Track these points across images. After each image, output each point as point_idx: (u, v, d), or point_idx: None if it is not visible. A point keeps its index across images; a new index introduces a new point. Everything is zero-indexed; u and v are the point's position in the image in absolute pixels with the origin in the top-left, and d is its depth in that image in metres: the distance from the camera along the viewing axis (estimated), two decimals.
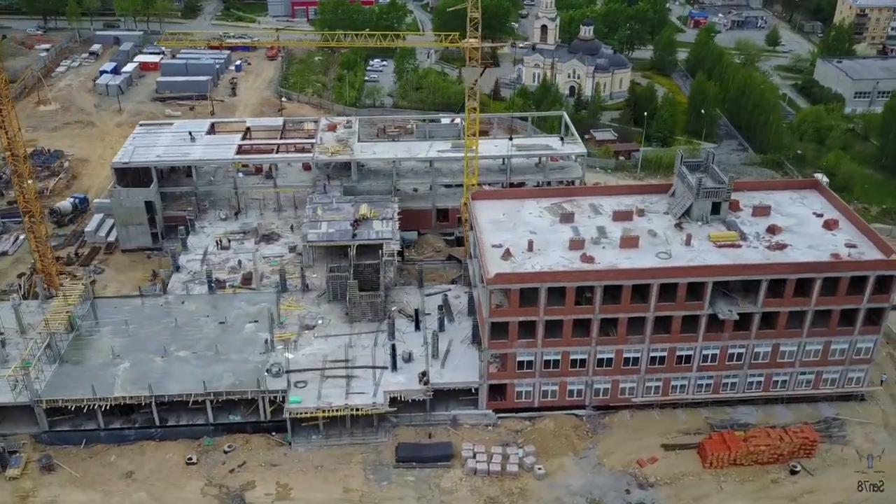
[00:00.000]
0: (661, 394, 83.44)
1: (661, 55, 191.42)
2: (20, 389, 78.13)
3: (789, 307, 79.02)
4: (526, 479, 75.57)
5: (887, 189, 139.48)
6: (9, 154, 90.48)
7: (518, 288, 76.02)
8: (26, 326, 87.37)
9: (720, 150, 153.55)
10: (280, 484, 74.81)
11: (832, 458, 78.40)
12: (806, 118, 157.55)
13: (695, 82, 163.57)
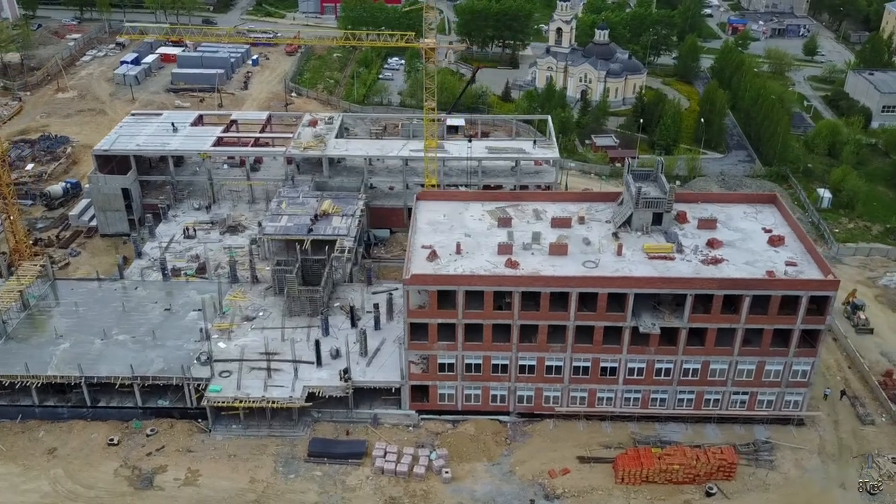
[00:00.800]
0: (586, 405, 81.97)
1: (683, 62, 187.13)
2: None
3: (718, 324, 76.75)
4: (432, 482, 75.25)
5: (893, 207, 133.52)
6: None
7: (436, 289, 75.71)
8: None
9: (726, 160, 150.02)
10: (191, 470, 76.27)
11: (754, 483, 75.82)
12: (820, 131, 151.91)
13: (705, 90, 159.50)
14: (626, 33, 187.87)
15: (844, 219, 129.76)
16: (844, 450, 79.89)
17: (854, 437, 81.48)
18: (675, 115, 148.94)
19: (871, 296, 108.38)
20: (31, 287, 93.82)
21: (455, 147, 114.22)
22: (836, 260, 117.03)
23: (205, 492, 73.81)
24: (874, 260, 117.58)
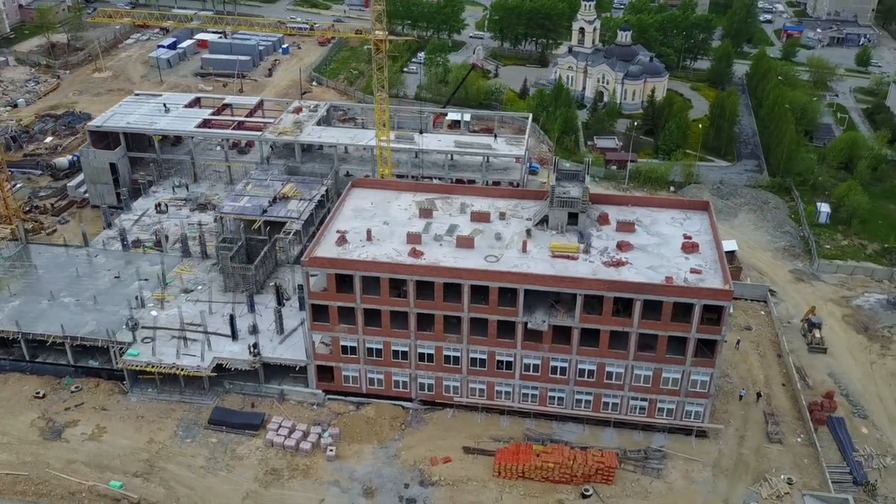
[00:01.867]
0: (485, 397, 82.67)
1: (716, 67, 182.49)
2: None
3: (610, 326, 76.19)
4: (316, 459, 77.74)
5: None
6: None
7: (334, 272, 78.02)
8: None
9: (734, 168, 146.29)
10: (98, 426, 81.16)
11: (634, 489, 75.05)
12: (837, 144, 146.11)
13: (716, 96, 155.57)
14: (658, 36, 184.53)
15: (840, 235, 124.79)
16: (741, 466, 77.98)
17: (756, 454, 79.37)
18: (681, 120, 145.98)
19: (840, 315, 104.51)
20: (3, 248, 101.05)
21: (426, 139, 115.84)
22: (814, 276, 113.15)
23: (104, 447, 78.49)
24: (855, 279, 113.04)
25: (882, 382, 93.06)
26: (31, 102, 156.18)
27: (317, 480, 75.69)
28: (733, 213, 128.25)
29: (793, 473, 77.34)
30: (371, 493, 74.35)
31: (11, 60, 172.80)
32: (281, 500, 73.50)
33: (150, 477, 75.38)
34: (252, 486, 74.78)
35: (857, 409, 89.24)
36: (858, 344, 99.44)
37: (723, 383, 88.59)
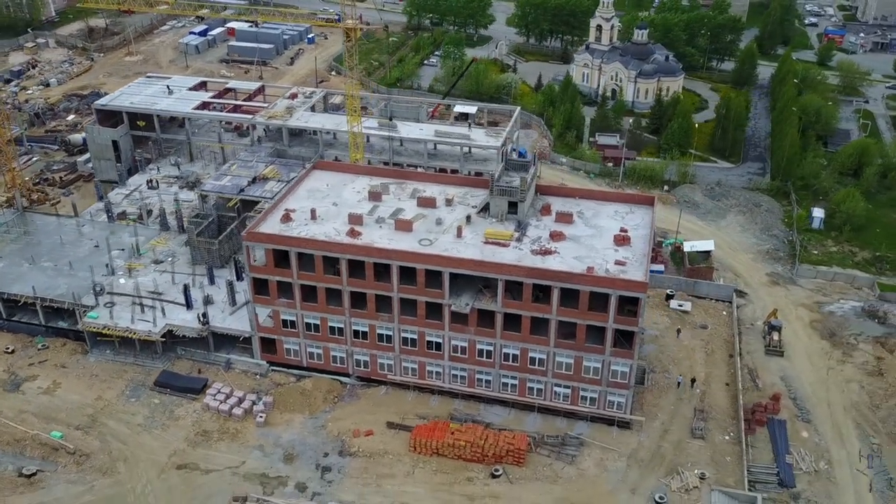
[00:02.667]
0: (417, 376, 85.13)
1: (739, 69, 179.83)
2: None
3: (531, 312, 77.77)
4: (246, 424, 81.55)
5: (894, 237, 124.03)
6: None
7: (272, 248, 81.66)
8: None
9: (737, 170, 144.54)
10: (55, 382, 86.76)
11: (545, 473, 76.51)
12: (846, 150, 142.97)
13: (721, 98, 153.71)
14: (682, 35, 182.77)
15: (831, 241, 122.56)
16: (657, 458, 78.53)
17: (676, 448, 79.78)
18: (684, 120, 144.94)
19: (808, 320, 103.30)
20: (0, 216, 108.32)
21: (408, 128, 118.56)
22: (791, 280, 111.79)
23: (55, 401, 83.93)
24: (834, 285, 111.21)
25: (835, 388, 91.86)
26: (63, 82, 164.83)
27: (243, 444, 79.46)
28: (722, 214, 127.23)
29: (710, 469, 77.50)
30: (291, 459, 77.73)
31: (52, 42, 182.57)
32: (205, 460, 77.49)
33: (90, 430, 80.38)
34: (181, 445, 79.02)
35: (803, 413, 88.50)
36: (820, 349, 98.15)
37: (661, 378, 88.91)
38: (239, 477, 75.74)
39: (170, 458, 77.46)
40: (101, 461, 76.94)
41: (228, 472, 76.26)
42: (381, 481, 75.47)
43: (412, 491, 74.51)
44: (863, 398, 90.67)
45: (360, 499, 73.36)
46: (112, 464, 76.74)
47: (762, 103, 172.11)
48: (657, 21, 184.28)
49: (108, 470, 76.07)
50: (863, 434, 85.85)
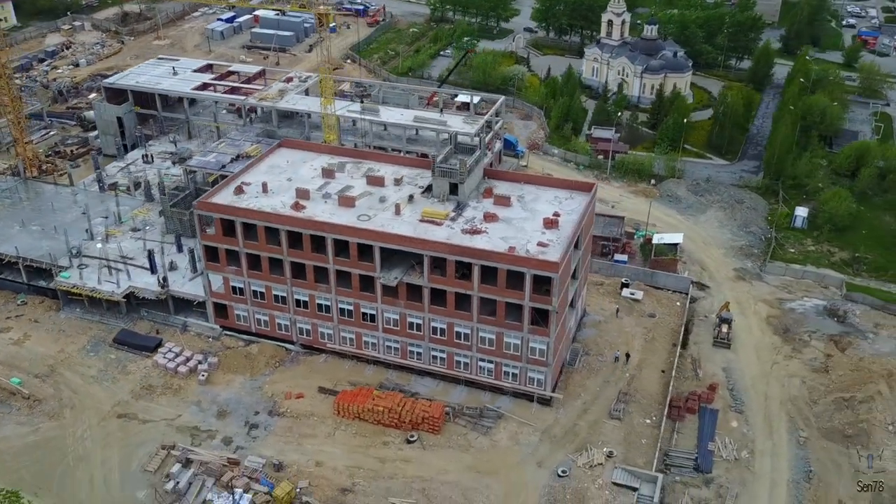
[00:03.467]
0: (354, 346, 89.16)
1: (754, 68, 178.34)
2: None
3: (455, 288, 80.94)
4: (189, 381, 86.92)
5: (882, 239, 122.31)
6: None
7: (219, 217, 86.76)
8: None
9: (732, 167, 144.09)
10: (25, 335, 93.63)
11: (458, 442, 79.72)
12: (844, 151, 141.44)
13: (719, 95, 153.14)
14: (699, 33, 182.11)
15: (810, 240, 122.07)
16: (570, 435, 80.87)
17: (591, 427, 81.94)
18: (680, 116, 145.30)
19: (765, 315, 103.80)
20: (2, 182, 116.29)
21: (389, 113, 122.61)
22: (758, 276, 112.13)
23: (21, 352, 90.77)
24: (802, 283, 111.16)
25: (775, 382, 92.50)
26: (92, 63, 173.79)
27: (182, 399, 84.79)
28: (703, 209, 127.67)
29: (621, 449, 79.47)
30: (223, 415, 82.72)
31: (87, 25, 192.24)
32: (145, 411, 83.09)
33: (47, 379, 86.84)
34: (126, 396, 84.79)
35: (737, 403, 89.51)
36: (770, 344, 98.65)
37: (593, 360, 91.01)
38: (172, 428, 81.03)
39: (112, 408, 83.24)
40: (50, 407, 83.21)
41: (164, 423, 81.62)
42: (303, 440, 79.77)
43: (329, 451, 78.60)
44: (802, 393, 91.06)
45: (279, 454, 77.75)
46: (60, 409, 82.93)
47: (774, 103, 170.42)
48: (674, 18, 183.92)
49: (55, 415, 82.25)
50: (793, 427, 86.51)
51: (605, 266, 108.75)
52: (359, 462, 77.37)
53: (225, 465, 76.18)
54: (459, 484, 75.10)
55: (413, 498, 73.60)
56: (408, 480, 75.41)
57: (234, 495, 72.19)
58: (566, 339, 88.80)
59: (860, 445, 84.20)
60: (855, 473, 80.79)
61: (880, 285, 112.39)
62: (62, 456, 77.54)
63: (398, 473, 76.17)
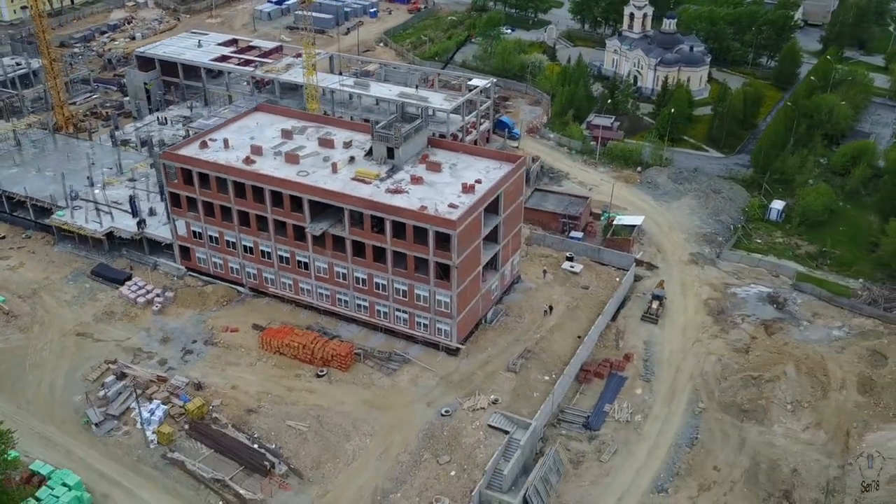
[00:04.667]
0: (292, 292, 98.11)
1: (780, 66, 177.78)
2: None
3: (371, 241, 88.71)
4: (145, 311, 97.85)
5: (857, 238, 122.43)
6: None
7: (179, 167, 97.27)
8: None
9: (726, 160, 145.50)
10: (21, 263, 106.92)
11: (363, 380, 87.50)
12: (843, 151, 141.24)
13: (718, 89, 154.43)
14: (727, 29, 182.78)
15: (781, 233, 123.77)
16: (465, 382, 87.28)
17: (487, 377, 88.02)
18: (678, 107, 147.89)
19: (705, 297, 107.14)
20: (33, 133, 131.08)
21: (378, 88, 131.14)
22: (711, 262, 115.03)
23: (13, 276, 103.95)
24: (755, 271, 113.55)
25: (691, 358, 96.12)
26: (147, 37, 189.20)
27: (135, 325, 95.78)
28: (678, 196, 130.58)
29: (508, 398, 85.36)
30: (166, 341, 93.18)
31: (151, 3, 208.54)
32: (100, 332, 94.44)
33: (27, 300, 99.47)
34: (88, 319, 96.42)
35: (648, 373, 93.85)
36: (699, 324, 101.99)
37: (512, 321, 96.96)
38: (120, 348, 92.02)
39: (74, 327, 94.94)
40: (24, 322, 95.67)
41: (114, 343, 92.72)
42: (227, 367, 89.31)
43: (247, 378, 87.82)
44: (715, 369, 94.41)
45: (203, 377, 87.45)
46: (31, 325, 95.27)
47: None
48: (703, 14, 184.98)
49: (25, 328, 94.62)
50: (694, 399, 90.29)
51: (558, 241, 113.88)
52: (269, 389, 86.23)
53: (153, 381, 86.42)
54: (352, 414, 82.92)
55: (307, 423, 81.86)
56: (307, 408, 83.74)
57: (150, 404, 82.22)
58: (485, 298, 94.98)
59: (754, 420, 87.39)
60: (741, 443, 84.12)
61: (839, 279, 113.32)
62: (21, 362, 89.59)
63: (300, 401, 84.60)
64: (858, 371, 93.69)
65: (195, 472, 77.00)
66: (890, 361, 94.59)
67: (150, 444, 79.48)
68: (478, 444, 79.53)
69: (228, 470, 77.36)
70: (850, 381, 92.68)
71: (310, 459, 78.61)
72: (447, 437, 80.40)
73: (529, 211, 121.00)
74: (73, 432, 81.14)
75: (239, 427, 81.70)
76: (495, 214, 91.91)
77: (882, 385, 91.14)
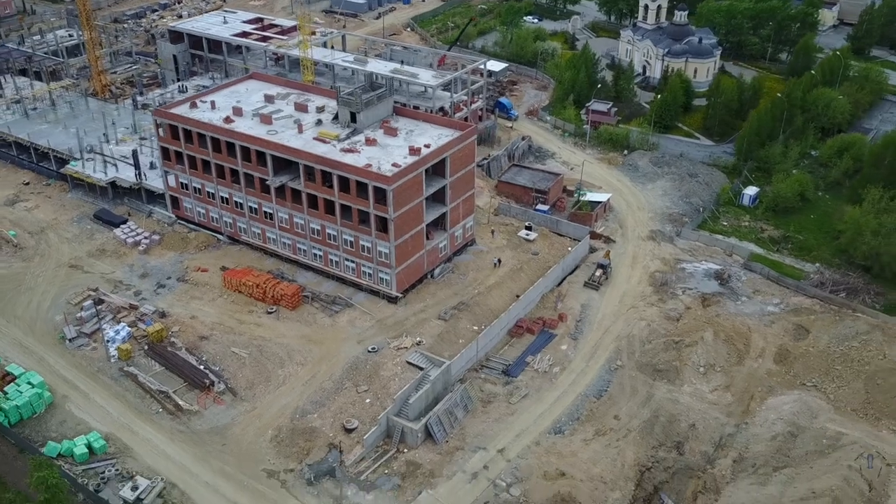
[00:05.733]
0: (261, 240, 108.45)
1: (793, 62, 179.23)
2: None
3: (323, 194, 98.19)
4: (131, 251, 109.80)
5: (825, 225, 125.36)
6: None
7: (168, 123, 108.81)
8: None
9: (715, 148, 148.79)
10: (36, 205, 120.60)
11: (307, 318, 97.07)
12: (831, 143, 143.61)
13: (714, 80, 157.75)
14: (744, 23, 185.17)
15: (748, 217, 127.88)
16: (398, 325, 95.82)
17: (419, 322, 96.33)
18: (675, 95, 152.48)
19: (652, 269, 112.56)
20: (68, 96, 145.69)
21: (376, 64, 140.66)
22: (669, 240, 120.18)
23: (28, 216, 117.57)
24: (710, 249, 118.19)
25: (622, 322, 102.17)
26: (192, 16, 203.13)
27: (121, 262, 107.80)
28: (654, 179, 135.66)
29: (432, 341, 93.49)
30: (144, 277, 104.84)
31: None
32: (90, 266, 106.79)
33: (35, 236, 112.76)
34: (82, 254, 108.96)
35: (577, 333, 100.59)
36: (639, 293, 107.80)
37: (454, 277, 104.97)
38: (103, 280, 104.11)
39: (69, 260, 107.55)
40: (27, 254, 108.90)
41: (99, 275, 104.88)
42: (190, 301, 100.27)
43: (206, 310, 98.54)
44: (642, 334, 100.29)
45: (168, 307, 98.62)
46: (33, 256, 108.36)
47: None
48: (722, 8, 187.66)
49: (27, 259, 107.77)
50: (615, 357, 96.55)
51: (522, 212, 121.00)
52: (223, 321, 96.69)
53: (125, 307, 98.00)
54: (289, 346, 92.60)
55: (248, 350, 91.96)
56: (252, 338, 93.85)
57: (117, 326, 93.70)
58: (431, 254, 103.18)
59: (666, 380, 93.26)
60: (647, 399, 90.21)
61: (795, 263, 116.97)
62: (18, 285, 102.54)
63: (247, 332, 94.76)
64: (781, 343, 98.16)
65: (144, 383, 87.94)
66: (811, 335, 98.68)
67: (111, 359, 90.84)
68: (394, 378, 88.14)
69: (174, 384, 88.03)
70: (769, 351, 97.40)
71: (245, 381, 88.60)
72: (369, 370, 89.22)
73: (504, 184, 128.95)
74: (49, 345, 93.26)
75: (191, 350, 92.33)
76: (442, 177, 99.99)
77: (796, 355, 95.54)
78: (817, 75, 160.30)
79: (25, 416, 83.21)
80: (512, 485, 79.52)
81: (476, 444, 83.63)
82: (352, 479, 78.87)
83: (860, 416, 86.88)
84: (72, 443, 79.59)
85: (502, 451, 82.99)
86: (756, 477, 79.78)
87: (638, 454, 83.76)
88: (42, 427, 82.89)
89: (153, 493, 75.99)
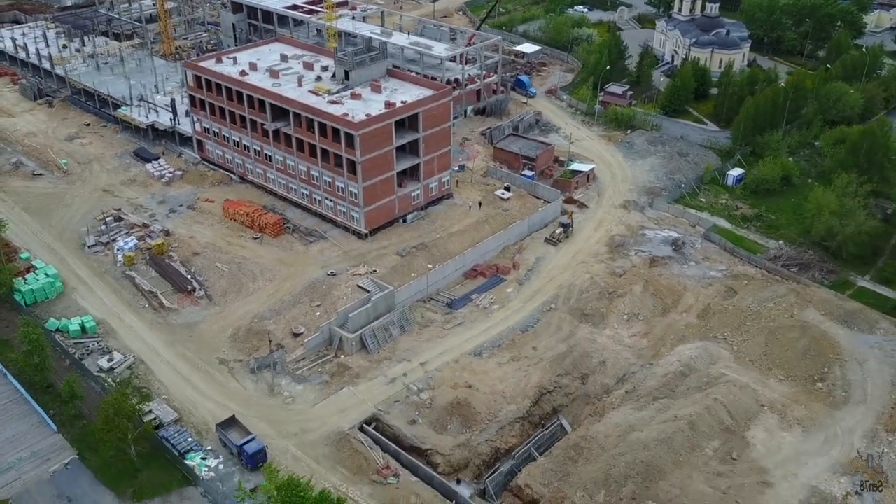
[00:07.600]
0: (262, 179, 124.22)
1: (825, 58, 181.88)
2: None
3: (306, 138, 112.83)
4: (157, 182, 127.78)
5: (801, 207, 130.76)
6: None
7: (194, 74, 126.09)
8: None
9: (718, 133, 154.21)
10: (90, 141, 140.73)
11: (283, 245, 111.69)
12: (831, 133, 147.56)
13: (725, 68, 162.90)
14: (782, 19, 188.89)
15: (728, 195, 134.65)
16: (360, 258, 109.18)
17: (379, 256, 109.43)
18: (685, 81, 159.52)
19: (614, 233, 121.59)
20: (137, 54, 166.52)
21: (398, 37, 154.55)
22: (640, 209, 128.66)
23: (81, 149, 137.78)
24: (677, 220, 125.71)
25: (568, 274, 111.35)
26: None
27: (146, 190, 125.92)
28: (645, 156, 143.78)
29: (386, 272, 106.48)
30: (162, 203, 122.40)
31: None
32: (119, 191, 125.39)
33: (82, 165, 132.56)
34: (116, 182, 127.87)
35: (524, 279, 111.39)
36: (594, 252, 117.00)
37: (425, 224, 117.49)
38: (128, 203, 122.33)
39: (103, 186, 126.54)
40: (72, 178, 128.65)
41: (125, 199, 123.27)
42: (193, 224, 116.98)
43: (203, 232, 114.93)
44: (583, 284, 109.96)
45: (174, 227, 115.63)
46: (75, 181, 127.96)
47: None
48: (762, 2, 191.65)
49: (71, 182, 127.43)
50: (551, 301, 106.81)
51: (506, 175, 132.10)
52: (215, 241, 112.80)
53: (138, 225, 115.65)
54: (263, 265, 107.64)
55: (229, 266, 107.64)
56: (234, 257, 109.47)
57: (128, 238, 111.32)
58: (402, 201, 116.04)
59: (591, 323, 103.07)
60: (568, 336, 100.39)
61: (759, 238, 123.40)
62: (58, 201, 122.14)
63: (232, 252, 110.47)
64: (709, 302, 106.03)
65: (139, 284, 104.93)
66: (737, 297, 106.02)
67: (117, 264, 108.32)
68: (343, 297, 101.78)
69: (163, 287, 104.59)
70: (696, 308, 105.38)
71: (221, 290, 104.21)
72: (324, 290, 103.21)
73: (499, 150, 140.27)
74: (72, 249, 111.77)
75: (183, 263, 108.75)
76: (412, 130, 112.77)
77: (715, 311, 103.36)
78: (838, 70, 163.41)
79: (39, 300, 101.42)
80: (423, 390, 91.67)
81: (403, 356, 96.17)
82: (289, 373, 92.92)
83: (756, 365, 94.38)
84: (69, 321, 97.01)
85: (424, 364, 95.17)
86: (636, 404, 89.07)
87: (543, 379, 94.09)
88: (50, 309, 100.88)
89: (124, 366, 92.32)
